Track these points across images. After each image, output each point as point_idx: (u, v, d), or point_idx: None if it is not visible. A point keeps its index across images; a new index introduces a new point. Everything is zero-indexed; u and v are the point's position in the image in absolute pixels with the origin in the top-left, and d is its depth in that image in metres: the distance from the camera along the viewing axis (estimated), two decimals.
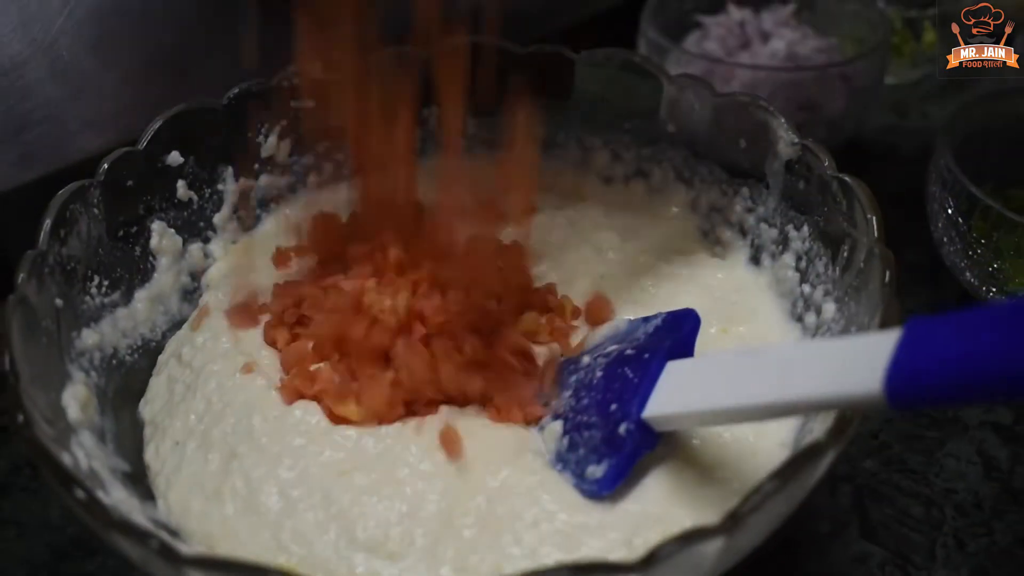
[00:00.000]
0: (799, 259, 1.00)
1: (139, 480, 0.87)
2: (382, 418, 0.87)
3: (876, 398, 0.65)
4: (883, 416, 1.08)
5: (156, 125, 1.02)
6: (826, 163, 0.95)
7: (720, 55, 1.44)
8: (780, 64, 1.41)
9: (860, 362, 0.67)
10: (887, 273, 0.82)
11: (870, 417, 1.07)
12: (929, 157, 1.20)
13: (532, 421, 0.89)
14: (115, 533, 0.67)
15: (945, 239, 1.17)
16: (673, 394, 0.82)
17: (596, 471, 0.82)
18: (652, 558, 0.63)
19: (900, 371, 0.64)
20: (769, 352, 0.83)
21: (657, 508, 0.81)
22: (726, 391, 0.78)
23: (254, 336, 0.98)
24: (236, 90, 1.08)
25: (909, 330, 0.65)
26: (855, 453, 1.04)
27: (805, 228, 0.99)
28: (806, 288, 0.98)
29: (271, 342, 0.96)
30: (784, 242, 1.02)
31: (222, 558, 0.64)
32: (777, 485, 0.66)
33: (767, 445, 0.86)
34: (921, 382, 0.63)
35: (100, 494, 0.75)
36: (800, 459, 0.68)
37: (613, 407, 0.84)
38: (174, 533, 0.82)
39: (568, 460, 0.85)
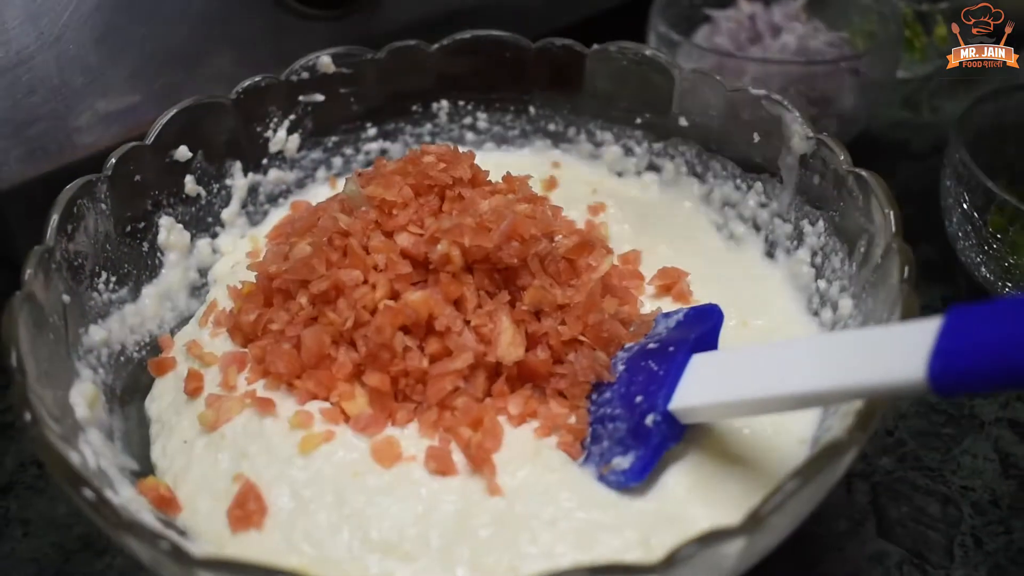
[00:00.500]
0: (814, 254, 0.99)
1: (147, 478, 0.86)
2: (391, 411, 0.86)
3: (919, 384, 0.65)
4: (897, 413, 1.07)
5: (164, 120, 1.02)
6: (841, 157, 0.94)
7: (730, 49, 1.43)
8: (791, 58, 1.39)
9: (901, 349, 0.67)
10: (905, 269, 0.81)
11: (887, 413, 1.06)
12: (941, 152, 1.19)
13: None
14: (125, 534, 0.66)
15: (960, 234, 1.15)
16: (701, 385, 0.81)
17: (623, 462, 0.81)
18: (672, 559, 0.61)
19: (943, 357, 0.64)
20: (803, 342, 0.82)
21: (674, 506, 0.80)
22: (759, 381, 0.77)
23: None
24: (245, 84, 1.08)
25: (951, 317, 0.66)
26: (871, 451, 1.03)
27: (820, 223, 0.99)
28: (822, 284, 0.97)
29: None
30: (799, 237, 1.02)
31: (233, 559, 0.63)
32: (799, 484, 0.65)
33: (786, 441, 0.85)
34: (964, 367, 0.64)
35: (109, 493, 0.74)
36: (822, 457, 0.67)
37: (639, 399, 0.83)
38: (182, 533, 0.81)
39: (591, 452, 0.84)
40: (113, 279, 0.96)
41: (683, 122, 1.11)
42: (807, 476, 0.66)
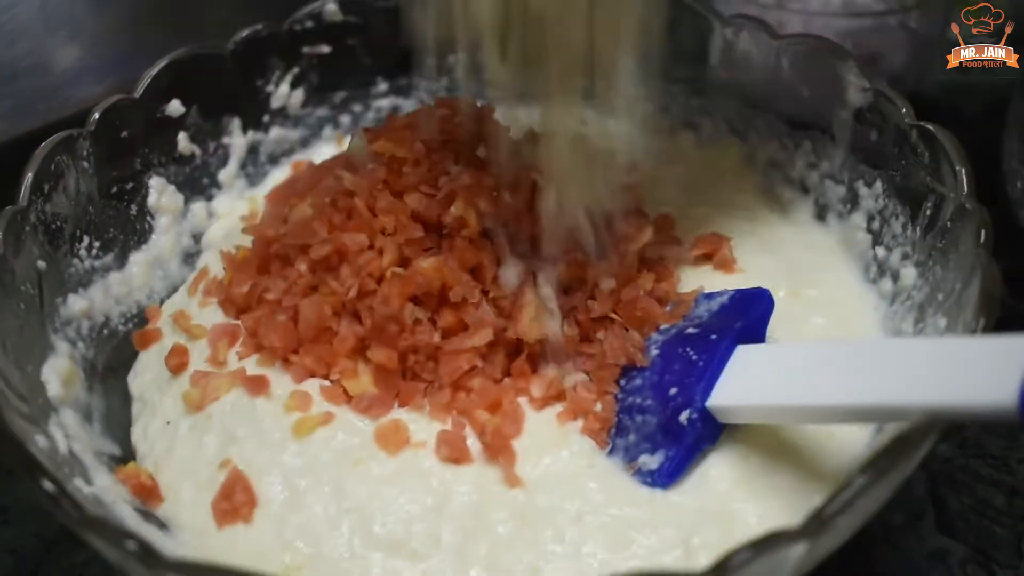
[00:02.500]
0: (871, 219, 0.91)
1: (127, 465, 0.79)
2: (398, 392, 0.80)
3: (1007, 411, 0.56)
4: None
5: (154, 71, 0.96)
6: (903, 110, 0.86)
7: (769, 3, 1.35)
8: (836, 11, 1.31)
9: (987, 367, 0.59)
10: (982, 232, 0.72)
11: None
12: (996, 115, 1.10)
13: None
14: (88, 531, 0.58)
15: None
16: (746, 383, 0.73)
17: (650, 462, 0.74)
18: (724, 567, 0.53)
19: None
20: (868, 345, 0.74)
21: (718, 501, 0.73)
22: (814, 385, 0.69)
23: None
24: (244, 34, 1.02)
25: None
26: None
27: (878, 184, 0.90)
28: (880, 251, 0.89)
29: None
30: (853, 200, 0.94)
31: (207, 564, 0.55)
32: (869, 480, 0.57)
33: (843, 427, 0.76)
34: None
35: (79, 482, 0.67)
36: (894, 448, 0.58)
37: (673, 391, 0.76)
38: (163, 525, 0.74)
39: (616, 445, 0.77)
40: (97, 244, 0.90)
41: (723, 75, 1.04)
42: (879, 471, 0.57)
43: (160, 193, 0.97)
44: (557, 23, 0.77)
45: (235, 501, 0.73)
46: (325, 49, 1.08)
